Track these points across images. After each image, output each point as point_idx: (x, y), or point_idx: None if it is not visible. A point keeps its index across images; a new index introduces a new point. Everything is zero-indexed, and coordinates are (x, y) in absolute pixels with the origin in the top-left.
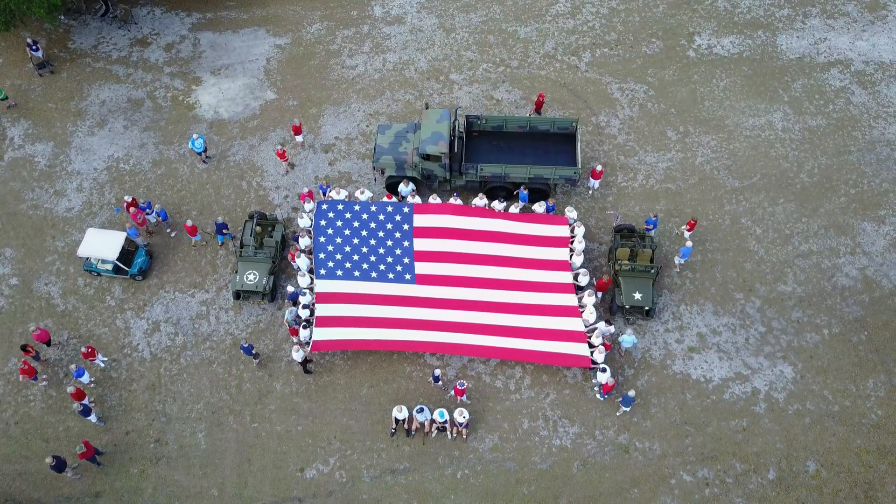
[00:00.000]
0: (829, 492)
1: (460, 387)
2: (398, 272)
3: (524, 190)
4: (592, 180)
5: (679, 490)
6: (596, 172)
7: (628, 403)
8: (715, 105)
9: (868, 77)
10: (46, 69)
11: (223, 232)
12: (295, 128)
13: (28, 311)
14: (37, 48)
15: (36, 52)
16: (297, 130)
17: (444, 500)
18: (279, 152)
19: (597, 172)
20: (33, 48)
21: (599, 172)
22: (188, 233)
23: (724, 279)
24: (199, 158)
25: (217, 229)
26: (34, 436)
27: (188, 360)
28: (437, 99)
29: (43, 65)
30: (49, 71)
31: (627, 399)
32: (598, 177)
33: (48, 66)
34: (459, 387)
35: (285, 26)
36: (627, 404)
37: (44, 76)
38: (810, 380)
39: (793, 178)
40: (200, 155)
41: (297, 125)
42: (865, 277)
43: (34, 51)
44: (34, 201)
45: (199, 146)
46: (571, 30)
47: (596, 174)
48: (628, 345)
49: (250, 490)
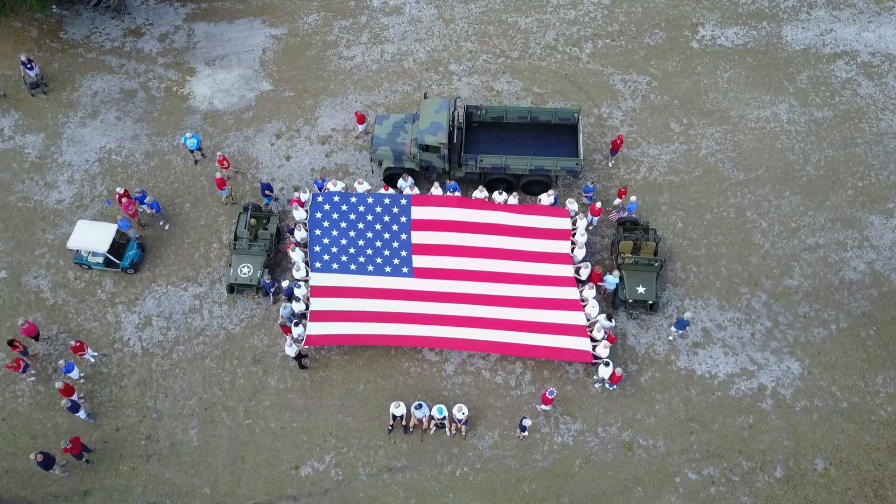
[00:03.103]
0: (838, 490)
1: (549, 395)
2: (395, 265)
3: (590, 184)
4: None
5: (684, 488)
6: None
7: (683, 326)
8: (719, 97)
9: (875, 68)
10: (39, 90)
11: (266, 193)
12: (359, 115)
13: (17, 304)
14: (31, 66)
15: (30, 70)
16: (360, 119)
17: (442, 498)
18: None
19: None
20: (27, 66)
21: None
22: (217, 186)
23: (730, 273)
24: (192, 156)
25: (262, 189)
26: (22, 432)
27: (180, 355)
28: (436, 90)
29: (36, 84)
30: (42, 92)
31: (682, 322)
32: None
33: (41, 86)
34: (549, 395)
35: (281, 16)
36: (682, 327)
37: (36, 96)
38: (818, 376)
39: (799, 171)
40: (194, 153)
41: (360, 113)
42: (873, 271)
43: (28, 69)
44: (24, 193)
45: (193, 144)
46: (573, 20)
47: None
48: (611, 286)
49: (243, 488)
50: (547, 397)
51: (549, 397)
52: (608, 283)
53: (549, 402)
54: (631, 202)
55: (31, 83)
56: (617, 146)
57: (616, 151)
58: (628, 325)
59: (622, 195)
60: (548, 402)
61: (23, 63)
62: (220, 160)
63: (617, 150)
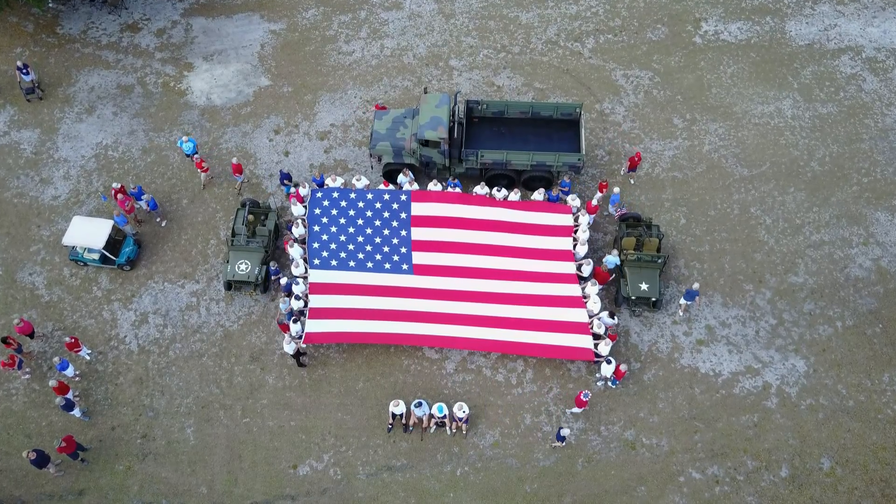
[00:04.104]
0: (845, 490)
1: (584, 398)
2: (395, 262)
3: (554, 192)
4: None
5: (688, 488)
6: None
7: (692, 297)
8: (722, 92)
9: (880, 64)
10: (35, 95)
11: (285, 182)
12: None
13: (11, 301)
14: (27, 72)
15: (26, 76)
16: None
17: (443, 498)
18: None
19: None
20: (23, 72)
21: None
22: (233, 171)
23: (733, 270)
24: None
25: (280, 178)
26: (16, 431)
27: (177, 352)
28: (436, 85)
29: (31, 90)
30: (38, 97)
31: (692, 293)
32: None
33: (37, 91)
34: (584, 398)
35: (280, 11)
36: (692, 298)
37: (31, 101)
38: (823, 374)
39: (803, 167)
40: (190, 157)
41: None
42: (879, 268)
43: (24, 74)
44: (19, 189)
45: (189, 148)
46: (574, 15)
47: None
48: (611, 265)
49: (241, 488)
50: (581, 400)
51: (584, 400)
52: (608, 262)
53: (584, 404)
54: (614, 194)
55: (27, 88)
56: (635, 163)
57: (634, 168)
58: (631, 323)
59: (603, 189)
60: (582, 404)
61: (18, 69)
62: (199, 163)
63: (635, 167)
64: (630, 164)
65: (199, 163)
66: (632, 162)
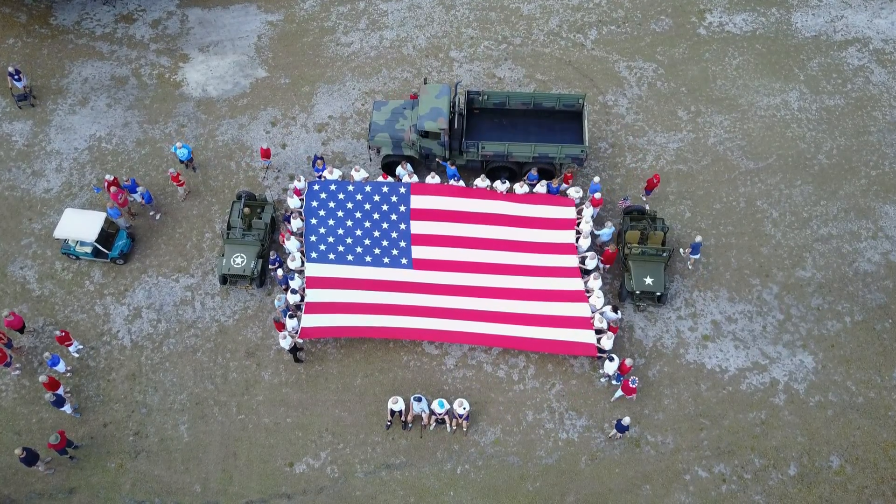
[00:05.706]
0: (854, 488)
1: (632, 384)
2: (394, 256)
3: (534, 172)
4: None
5: (694, 486)
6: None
7: (697, 250)
8: (727, 84)
9: (887, 56)
10: (27, 102)
11: (317, 164)
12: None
13: (2, 296)
14: (19, 77)
15: (18, 81)
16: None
17: (442, 496)
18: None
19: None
20: (15, 77)
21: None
22: (262, 156)
23: (740, 264)
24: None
25: (313, 161)
26: (5, 428)
27: (171, 348)
28: (436, 77)
29: (24, 97)
30: (30, 104)
31: (696, 246)
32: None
33: (29, 98)
34: (632, 384)
35: (277, 2)
36: (696, 251)
37: (23, 108)
38: (832, 370)
39: (810, 160)
40: (184, 164)
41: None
42: (888, 262)
43: (16, 80)
44: (10, 182)
45: (184, 154)
46: (577, 6)
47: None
48: (607, 237)
49: (236, 486)
50: (630, 386)
51: (633, 386)
52: (603, 234)
53: (633, 391)
54: (594, 183)
55: (19, 95)
56: (653, 185)
57: (651, 191)
58: (635, 318)
59: (568, 180)
60: (631, 391)
61: (10, 74)
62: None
63: (652, 189)
64: (648, 185)
65: (175, 176)
66: (650, 184)
